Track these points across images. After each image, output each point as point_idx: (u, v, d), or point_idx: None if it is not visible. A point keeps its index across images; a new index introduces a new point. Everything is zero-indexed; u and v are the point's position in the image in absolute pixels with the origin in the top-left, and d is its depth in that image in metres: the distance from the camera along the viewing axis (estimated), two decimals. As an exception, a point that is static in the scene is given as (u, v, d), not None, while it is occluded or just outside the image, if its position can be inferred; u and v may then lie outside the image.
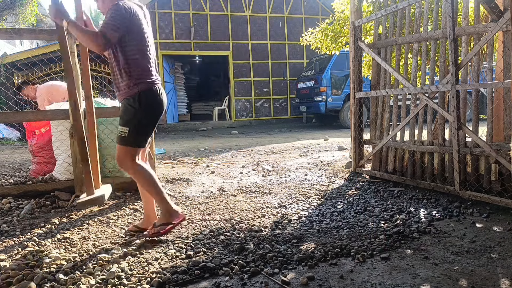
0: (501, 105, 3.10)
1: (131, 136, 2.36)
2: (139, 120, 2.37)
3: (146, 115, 2.39)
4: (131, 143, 2.38)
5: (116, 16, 2.24)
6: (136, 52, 2.35)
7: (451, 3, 2.97)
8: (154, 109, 2.42)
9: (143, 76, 2.37)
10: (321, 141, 7.82)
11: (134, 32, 2.32)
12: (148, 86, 2.37)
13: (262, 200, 3.46)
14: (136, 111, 2.35)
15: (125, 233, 2.66)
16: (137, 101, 2.34)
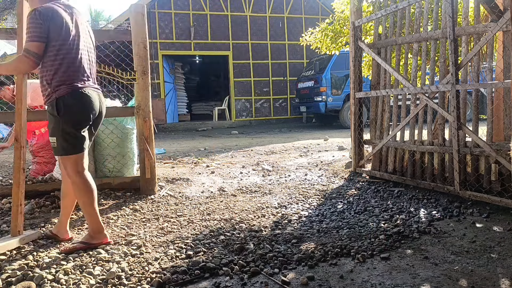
0: (501, 105, 3.10)
1: (60, 145, 2.27)
2: (62, 128, 2.25)
3: (66, 121, 2.25)
4: (64, 152, 2.29)
5: (33, 26, 2.14)
6: (59, 57, 2.22)
7: (451, 3, 2.97)
8: (76, 114, 2.27)
9: (65, 79, 2.23)
10: (321, 141, 7.82)
11: (55, 36, 2.19)
12: (66, 90, 2.23)
13: (262, 200, 3.46)
14: (57, 119, 2.24)
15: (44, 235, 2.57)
16: (55, 109, 2.22)
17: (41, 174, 3.95)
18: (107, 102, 4.10)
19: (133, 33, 3.55)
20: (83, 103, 2.29)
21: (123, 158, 3.82)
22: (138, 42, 3.54)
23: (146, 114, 3.59)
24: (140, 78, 3.56)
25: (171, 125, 13.12)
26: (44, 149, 4.03)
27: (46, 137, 3.99)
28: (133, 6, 3.59)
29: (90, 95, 2.32)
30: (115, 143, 3.78)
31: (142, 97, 3.58)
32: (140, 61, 3.55)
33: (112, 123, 3.77)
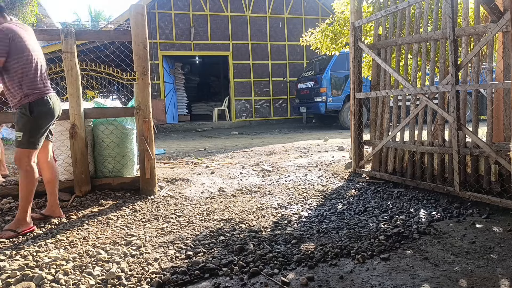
0: (501, 106, 3.10)
1: (25, 140, 2.66)
2: (31, 126, 2.67)
3: (36, 121, 2.69)
4: (26, 146, 2.67)
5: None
6: (23, 68, 2.62)
7: (451, 4, 2.97)
8: (44, 116, 2.72)
9: (32, 88, 2.66)
10: (321, 141, 7.83)
11: (17, 51, 2.59)
12: (37, 96, 2.67)
13: (262, 200, 3.46)
14: (28, 119, 2.65)
15: (32, 216, 2.87)
16: (28, 111, 2.64)
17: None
18: (107, 103, 4.12)
19: (133, 34, 3.55)
20: (50, 107, 2.75)
21: (123, 159, 3.82)
22: (138, 42, 3.54)
23: (146, 115, 3.59)
24: (140, 79, 3.56)
25: (171, 125, 13.12)
26: (44, 149, 4.02)
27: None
28: (133, 6, 3.59)
29: (54, 101, 2.78)
30: (115, 143, 3.78)
31: (142, 98, 3.58)
32: (140, 62, 3.55)
33: (112, 123, 3.77)
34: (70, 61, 3.45)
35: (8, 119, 3.78)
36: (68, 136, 3.53)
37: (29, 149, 2.69)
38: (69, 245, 2.46)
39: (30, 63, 2.65)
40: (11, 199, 3.39)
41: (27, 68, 2.64)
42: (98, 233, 2.68)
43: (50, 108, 2.74)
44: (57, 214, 3.02)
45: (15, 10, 12.75)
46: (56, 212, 3.02)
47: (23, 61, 2.62)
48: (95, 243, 2.48)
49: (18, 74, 2.62)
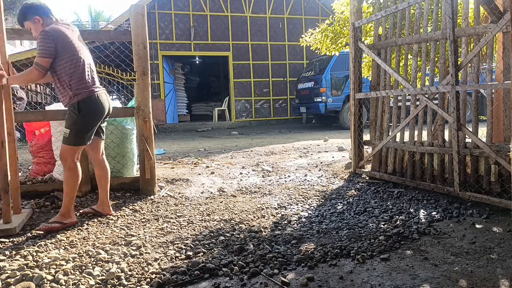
0: (501, 106, 3.10)
1: (71, 137, 2.76)
2: (78, 124, 2.76)
3: (84, 120, 2.77)
4: (71, 143, 2.76)
5: (43, 44, 2.61)
6: (71, 68, 2.71)
7: (451, 4, 2.97)
8: (93, 115, 2.80)
9: (82, 87, 2.74)
10: (321, 142, 7.83)
11: (64, 51, 2.67)
12: (86, 95, 2.75)
13: (261, 200, 3.46)
14: (77, 117, 2.74)
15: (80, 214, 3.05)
16: (77, 109, 2.73)
17: (40, 175, 3.95)
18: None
19: (133, 34, 3.56)
20: (98, 106, 2.81)
21: (123, 159, 3.82)
22: (138, 42, 3.54)
23: (146, 115, 3.59)
24: (140, 79, 3.56)
25: (171, 125, 13.12)
26: (44, 149, 4.03)
27: (46, 138, 3.99)
28: (133, 6, 3.59)
29: (103, 99, 2.85)
30: (115, 143, 3.78)
31: (142, 98, 3.58)
32: (140, 62, 3.55)
33: (112, 123, 3.77)
34: (70, 61, 3.45)
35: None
36: (68, 136, 3.53)
37: (73, 146, 2.77)
38: (69, 245, 2.45)
39: (77, 62, 2.72)
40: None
41: (75, 67, 2.71)
42: (98, 233, 2.68)
43: (98, 106, 2.81)
44: (106, 212, 3.06)
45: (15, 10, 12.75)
46: (105, 210, 3.06)
47: (70, 61, 2.70)
48: (95, 243, 2.48)
49: (67, 74, 2.70)
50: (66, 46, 2.68)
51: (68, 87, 2.72)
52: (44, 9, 2.77)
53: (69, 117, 2.77)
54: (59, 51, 2.66)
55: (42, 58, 2.62)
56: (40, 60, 2.63)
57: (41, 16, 2.75)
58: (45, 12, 2.77)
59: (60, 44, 2.65)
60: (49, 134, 3.92)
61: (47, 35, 2.62)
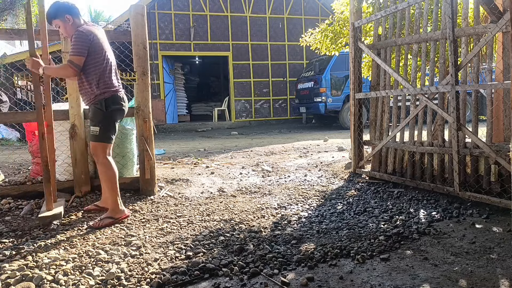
0: (500, 106, 3.10)
1: (101, 134, 2.86)
2: (106, 121, 2.88)
3: (110, 116, 2.89)
4: (101, 140, 2.87)
5: (78, 42, 2.73)
6: (99, 68, 2.83)
7: (450, 4, 2.97)
8: (117, 112, 2.94)
9: (108, 86, 2.87)
10: (321, 142, 7.83)
11: (95, 51, 2.80)
12: (112, 93, 2.88)
13: (261, 201, 3.46)
14: (104, 114, 2.86)
15: (84, 210, 3.15)
16: (104, 106, 2.85)
17: (40, 175, 3.95)
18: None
19: (132, 34, 3.55)
20: (122, 104, 2.97)
21: (123, 159, 3.82)
22: (138, 42, 3.54)
23: (145, 115, 3.59)
24: (139, 79, 3.56)
25: (170, 125, 13.12)
26: (43, 149, 4.02)
27: (46, 138, 3.98)
28: (133, 6, 3.59)
29: (125, 99, 3.01)
30: (115, 143, 3.74)
31: (142, 98, 3.58)
32: (140, 62, 3.55)
33: (111, 123, 3.76)
34: (70, 61, 3.45)
35: (7, 120, 3.78)
36: (68, 137, 3.53)
37: (104, 143, 2.89)
38: (68, 245, 2.45)
39: (105, 62, 2.86)
40: (11, 200, 3.39)
41: (103, 67, 2.84)
42: (97, 233, 2.68)
43: (122, 105, 2.96)
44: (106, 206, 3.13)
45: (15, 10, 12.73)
46: (108, 204, 3.10)
47: (100, 61, 2.82)
48: (95, 243, 2.48)
49: (96, 73, 2.81)
50: (96, 46, 2.80)
51: (95, 86, 2.82)
52: (75, 9, 2.87)
53: (95, 114, 2.87)
54: (90, 51, 2.77)
55: (77, 57, 2.73)
56: (74, 58, 2.73)
57: (72, 16, 2.83)
58: (76, 12, 2.86)
59: (92, 45, 2.77)
60: (49, 134, 3.92)
61: (81, 34, 2.74)
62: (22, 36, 3.59)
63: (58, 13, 2.81)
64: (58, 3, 2.84)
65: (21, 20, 13.05)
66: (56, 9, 2.82)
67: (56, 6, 2.83)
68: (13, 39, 3.69)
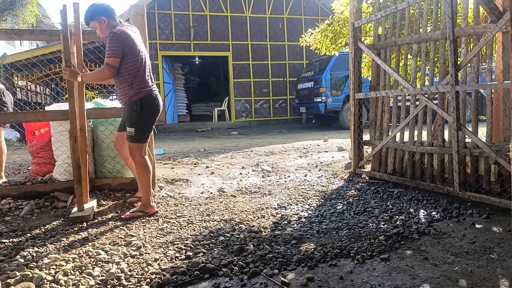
0: (500, 106, 3.10)
1: (137, 135, 2.94)
2: (142, 122, 2.94)
3: (146, 117, 2.95)
4: (138, 140, 2.95)
5: (113, 44, 2.79)
6: (135, 68, 2.88)
7: (450, 4, 2.97)
8: (152, 112, 2.99)
9: (142, 86, 2.92)
10: (321, 142, 7.83)
11: (130, 52, 2.85)
12: (146, 94, 2.93)
13: (261, 201, 3.46)
14: (139, 115, 2.92)
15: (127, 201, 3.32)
16: (139, 106, 2.90)
17: (40, 175, 3.95)
18: (106, 103, 4.12)
19: (133, 34, 3.55)
20: (156, 104, 3.01)
21: (123, 159, 3.82)
22: (138, 43, 3.54)
23: (145, 115, 3.59)
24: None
25: (170, 126, 13.12)
26: (43, 149, 4.02)
27: (46, 138, 3.99)
28: (133, 7, 3.60)
29: (159, 98, 3.05)
30: (115, 143, 3.77)
31: (142, 98, 3.57)
32: (140, 62, 3.55)
33: (112, 123, 3.77)
34: (69, 61, 3.45)
35: (7, 120, 3.78)
36: (68, 137, 3.53)
37: (141, 143, 2.98)
38: (68, 245, 2.45)
39: (140, 63, 2.91)
40: (11, 200, 3.39)
41: (138, 67, 2.90)
42: (97, 233, 2.68)
43: (157, 104, 3.01)
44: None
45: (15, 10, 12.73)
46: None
47: (135, 61, 2.87)
48: (95, 243, 2.48)
49: (131, 73, 2.88)
50: (131, 47, 2.85)
51: (130, 86, 2.89)
52: (110, 11, 2.94)
53: (131, 115, 2.94)
54: (125, 52, 2.83)
55: (113, 58, 2.80)
56: (110, 60, 2.80)
57: (107, 17, 2.91)
58: (111, 13, 2.93)
59: (127, 46, 2.83)
60: (49, 135, 3.92)
61: (116, 36, 2.80)
62: (22, 37, 3.59)
63: (95, 15, 2.90)
64: (94, 5, 2.93)
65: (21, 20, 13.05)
66: (92, 12, 2.90)
67: (93, 8, 2.91)
68: (13, 39, 3.69)
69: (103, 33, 2.95)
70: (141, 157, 2.99)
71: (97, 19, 2.91)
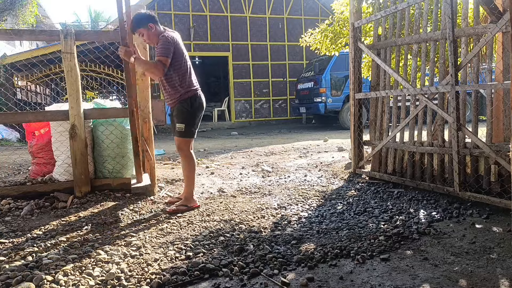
0: (500, 106, 3.10)
1: (186, 130, 3.17)
2: (191, 118, 3.19)
3: (194, 114, 3.21)
4: (187, 135, 3.19)
5: (165, 46, 3.01)
6: (182, 69, 3.12)
7: (450, 5, 2.98)
8: (200, 109, 3.26)
9: (190, 85, 3.17)
10: (321, 142, 7.83)
11: (178, 54, 3.09)
12: (194, 92, 3.19)
13: (261, 201, 3.46)
14: (189, 112, 3.17)
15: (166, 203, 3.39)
16: (189, 104, 3.15)
17: (40, 175, 3.95)
18: (106, 103, 4.12)
19: (132, 34, 3.55)
20: (202, 102, 3.28)
21: (123, 159, 3.82)
22: (138, 43, 3.54)
23: (145, 115, 3.59)
24: (139, 79, 3.56)
25: (170, 126, 13.10)
26: (43, 150, 4.02)
27: (46, 138, 3.99)
28: (133, 7, 3.59)
29: (203, 97, 3.31)
30: (115, 144, 3.77)
31: (142, 98, 3.58)
32: (140, 62, 3.55)
33: (111, 124, 3.77)
34: (69, 61, 3.45)
35: (7, 120, 3.78)
36: (68, 137, 3.53)
37: (189, 138, 3.21)
38: (69, 245, 2.45)
39: (186, 65, 3.15)
40: (11, 200, 3.39)
41: (184, 69, 3.13)
42: (97, 233, 2.68)
43: (202, 103, 3.27)
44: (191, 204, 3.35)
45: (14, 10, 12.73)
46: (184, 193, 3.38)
47: (181, 63, 3.10)
48: (95, 244, 2.48)
49: (178, 74, 3.10)
50: (178, 50, 3.09)
51: (179, 86, 3.11)
52: (155, 18, 3.15)
53: (180, 113, 3.16)
54: (175, 54, 3.05)
55: (165, 57, 3.00)
56: (162, 59, 2.99)
57: (154, 24, 3.11)
58: (156, 20, 3.14)
59: (177, 49, 3.07)
60: (48, 135, 3.92)
61: (167, 39, 3.03)
62: (22, 37, 3.59)
63: (142, 23, 3.09)
64: (140, 14, 3.14)
65: (20, 20, 13.05)
66: (140, 19, 3.10)
67: (140, 16, 3.11)
68: (13, 40, 3.69)
69: (150, 39, 3.12)
70: (189, 151, 3.23)
71: (145, 26, 3.08)
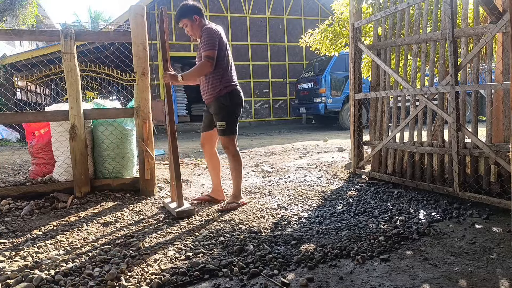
0: (500, 107, 3.10)
1: (228, 128, 3.10)
2: (231, 115, 3.11)
3: (233, 109, 3.12)
4: (229, 133, 3.12)
5: (210, 38, 2.96)
6: (224, 63, 3.05)
7: (450, 5, 2.98)
8: (239, 104, 3.16)
9: (229, 80, 3.09)
10: (321, 142, 7.83)
11: (222, 48, 3.02)
12: (233, 87, 3.11)
13: (261, 201, 3.46)
14: (228, 108, 3.09)
15: (194, 200, 3.43)
16: (228, 100, 3.07)
17: (40, 175, 3.95)
18: (106, 104, 4.12)
19: (132, 35, 3.56)
20: (241, 98, 3.19)
21: (123, 159, 3.82)
22: (138, 43, 3.55)
23: (145, 115, 3.59)
24: (139, 79, 3.56)
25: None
26: (43, 150, 4.03)
27: (46, 138, 3.99)
28: (133, 7, 3.60)
29: (242, 92, 3.21)
30: (115, 144, 3.77)
31: (142, 98, 3.58)
32: (140, 62, 3.55)
33: (111, 124, 3.77)
34: (69, 62, 3.45)
35: (7, 120, 3.78)
36: (67, 137, 3.53)
37: (232, 135, 3.15)
38: (68, 246, 2.45)
39: (228, 59, 3.09)
40: (11, 200, 3.39)
41: (227, 63, 3.07)
42: (97, 234, 2.68)
43: (241, 98, 3.18)
44: (220, 197, 3.43)
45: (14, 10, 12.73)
46: (219, 195, 3.43)
47: (224, 56, 3.04)
48: (95, 244, 2.48)
49: (221, 68, 3.03)
50: (222, 43, 3.02)
51: (219, 81, 3.04)
52: (202, 11, 3.10)
53: (220, 110, 3.08)
54: (219, 47, 2.99)
55: (212, 51, 2.95)
56: (210, 53, 2.94)
57: (199, 16, 3.06)
58: (202, 13, 3.10)
59: (221, 41, 3.01)
60: (48, 135, 3.92)
61: (212, 31, 2.98)
62: (22, 37, 3.59)
63: (188, 13, 3.04)
64: (187, 4, 3.08)
65: (20, 20, 13.05)
66: (186, 9, 3.05)
67: (186, 6, 3.07)
68: (13, 40, 3.69)
69: (193, 31, 3.07)
70: (235, 149, 3.18)
71: (189, 17, 3.04)
